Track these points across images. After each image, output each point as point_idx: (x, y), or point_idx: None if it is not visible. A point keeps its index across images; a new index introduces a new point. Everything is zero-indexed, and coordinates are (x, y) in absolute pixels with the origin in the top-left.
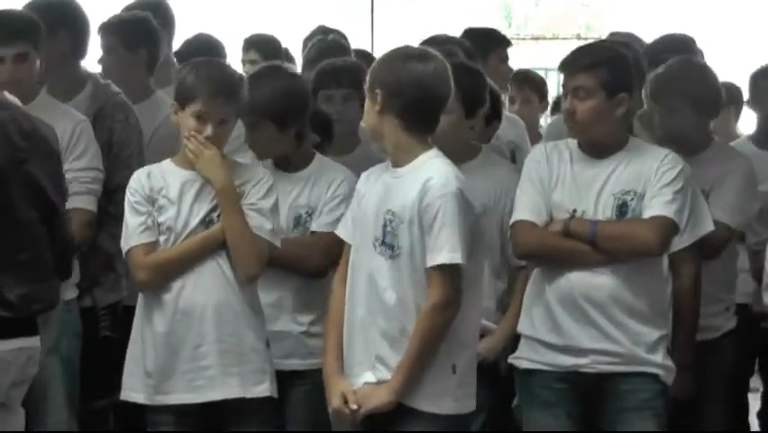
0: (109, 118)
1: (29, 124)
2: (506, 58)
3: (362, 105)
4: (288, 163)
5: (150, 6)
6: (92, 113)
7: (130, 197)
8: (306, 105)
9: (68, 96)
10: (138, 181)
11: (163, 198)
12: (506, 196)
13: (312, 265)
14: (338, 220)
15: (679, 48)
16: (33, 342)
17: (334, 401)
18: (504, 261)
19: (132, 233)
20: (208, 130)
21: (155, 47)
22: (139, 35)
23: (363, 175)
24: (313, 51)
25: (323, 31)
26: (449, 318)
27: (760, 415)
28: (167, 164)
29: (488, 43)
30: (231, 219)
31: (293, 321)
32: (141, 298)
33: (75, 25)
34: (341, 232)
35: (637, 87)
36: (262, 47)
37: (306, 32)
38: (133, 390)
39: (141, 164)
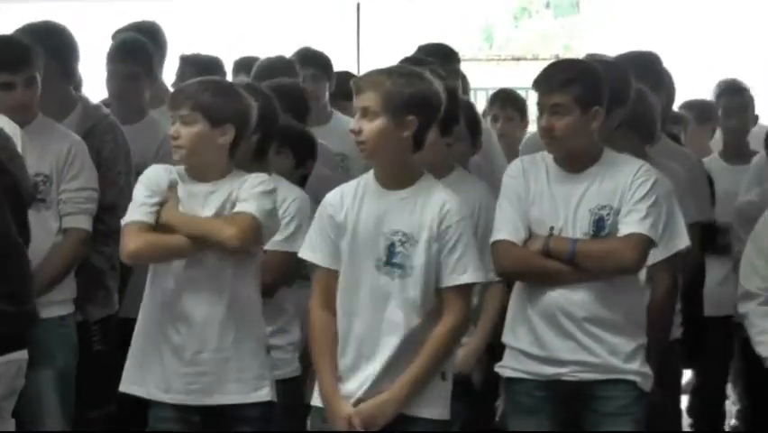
0: (98, 138)
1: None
2: (451, 74)
3: None
4: None
5: (143, 29)
6: (82, 133)
7: (142, 181)
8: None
9: (60, 117)
10: (158, 171)
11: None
12: (478, 211)
13: (263, 284)
14: (289, 238)
15: (640, 65)
16: (22, 355)
17: (341, 425)
18: None
19: (132, 209)
20: None
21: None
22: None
23: (333, 199)
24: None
25: (303, 55)
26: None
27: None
28: (180, 170)
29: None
30: (187, 227)
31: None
32: (144, 300)
33: (66, 50)
34: (307, 255)
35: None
36: (251, 69)
37: (295, 42)
38: (135, 383)
39: (129, 182)
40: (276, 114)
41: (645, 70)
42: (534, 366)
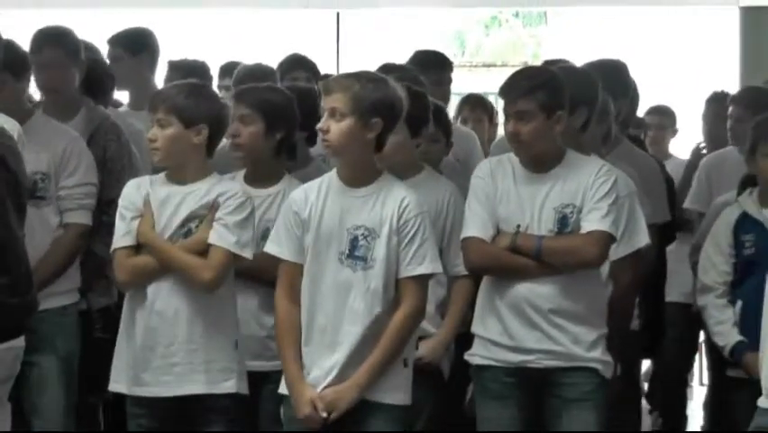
0: (103, 137)
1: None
2: (444, 80)
3: None
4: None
5: (134, 37)
6: (88, 133)
7: (120, 204)
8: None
9: (66, 118)
10: (128, 191)
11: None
12: (445, 210)
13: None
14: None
15: (609, 72)
16: (19, 342)
17: (304, 409)
18: (443, 268)
19: (117, 237)
20: None
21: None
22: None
23: (298, 196)
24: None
25: (293, 59)
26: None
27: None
28: (159, 177)
29: (429, 66)
30: (160, 255)
31: (258, 325)
32: (126, 299)
33: (78, 57)
34: (273, 249)
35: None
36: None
37: (276, 51)
38: (117, 381)
39: (132, 177)
40: (296, 113)
41: (613, 77)
42: (502, 354)
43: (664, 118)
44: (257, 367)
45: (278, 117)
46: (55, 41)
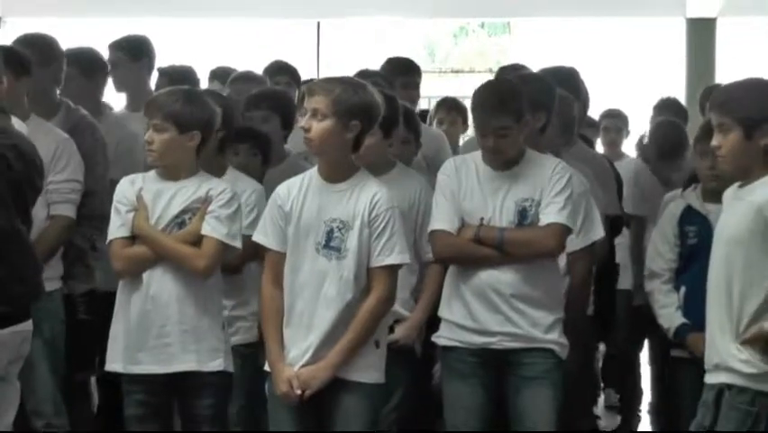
0: (79, 135)
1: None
2: (412, 84)
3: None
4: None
5: (134, 43)
6: (66, 131)
7: (115, 198)
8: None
9: (47, 117)
10: (122, 186)
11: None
12: (417, 202)
13: (233, 265)
14: (250, 226)
15: (562, 77)
16: (27, 325)
17: (282, 387)
18: (416, 257)
19: (112, 228)
20: None
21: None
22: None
23: (282, 191)
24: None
25: (276, 65)
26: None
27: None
28: (150, 174)
29: (400, 71)
30: (156, 246)
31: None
32: (120, 285)
33: (59, 60)
34: (260, 239)
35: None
36: (224, 77)
37: (260, 58)
38: (113, 361)
39: (106, 171)
40: (234, 117)
41: (566, 82)
42: (467, 336)
43: (618, 121)
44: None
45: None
46: (29, 48)
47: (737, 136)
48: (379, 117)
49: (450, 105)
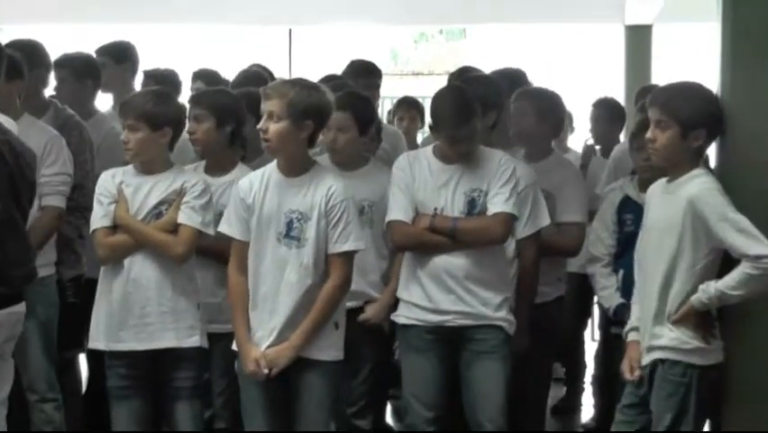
0: (67, 133)
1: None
2: (373, 85)
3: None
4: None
5: (119, 48)
6: (54, 128)
7: (97, 191)
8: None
9: (37, 116)
10: (104, 180)
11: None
12: (388, 193)
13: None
14: None
15: (512, 79)
16: (21, 307)
17: (250, 366)
18: (385, 244)
19: (95, 219)
20: None
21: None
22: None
23: (244, 185)
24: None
25: (256, 66)
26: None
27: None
28: (129, 168)
29: (362, 73)
30: (137, 235)
31: (211, 295)
32: (102, 270)
33: (47, 63)
34: (225, 229)
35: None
36: (207, 78)
37: (237, 62)
38: (96, 340)
39: (93, 167)
40: (243, 112)
41: (516, 83)
42: (424, 315)
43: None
44: (211, 329)
45: (226, 114)
46: (18, 52)
47: (674, 134)
48: (331, 115)
49: (409, 104)
